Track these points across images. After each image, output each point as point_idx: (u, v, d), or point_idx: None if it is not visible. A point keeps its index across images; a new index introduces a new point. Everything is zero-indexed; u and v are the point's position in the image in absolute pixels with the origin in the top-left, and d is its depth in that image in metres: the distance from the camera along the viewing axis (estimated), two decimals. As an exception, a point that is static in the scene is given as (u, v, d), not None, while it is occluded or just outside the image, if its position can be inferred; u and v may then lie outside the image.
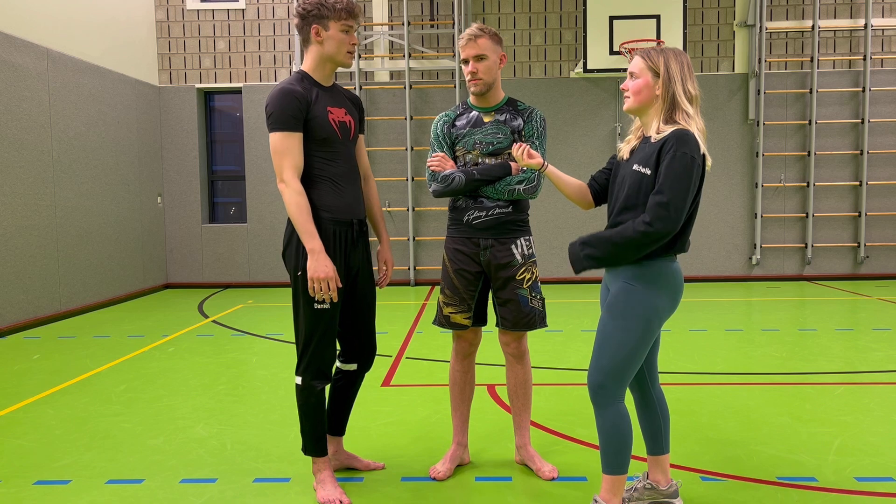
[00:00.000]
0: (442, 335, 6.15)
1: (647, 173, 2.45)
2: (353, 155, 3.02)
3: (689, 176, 2.39)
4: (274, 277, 10.09)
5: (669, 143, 2.40)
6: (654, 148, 2.45)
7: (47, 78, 7.47)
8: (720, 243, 9.94)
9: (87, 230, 8.12)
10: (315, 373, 2.91)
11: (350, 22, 2.84)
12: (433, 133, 3.20)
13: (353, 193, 2.97)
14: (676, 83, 2.48)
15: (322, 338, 2.89)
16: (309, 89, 2.84)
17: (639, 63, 2.52)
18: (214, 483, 3.19)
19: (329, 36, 2.83)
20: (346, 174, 2.94)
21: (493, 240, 3.10)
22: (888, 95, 9.68)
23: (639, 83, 2.52)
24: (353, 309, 3.08)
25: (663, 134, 2.45)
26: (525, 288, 3.11)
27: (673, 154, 2.38)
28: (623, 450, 2.55)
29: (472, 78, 3.05)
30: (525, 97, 8.67)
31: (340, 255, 2.92)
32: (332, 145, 2.88)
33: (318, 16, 2.81)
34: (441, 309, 3.22)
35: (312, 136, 2.83)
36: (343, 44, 2.85)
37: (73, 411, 4.28)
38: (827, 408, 4.11)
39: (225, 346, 6.15)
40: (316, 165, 2.87)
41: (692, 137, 2.42)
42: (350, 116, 2.97)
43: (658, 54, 2.50)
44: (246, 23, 9.97)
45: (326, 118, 2.85)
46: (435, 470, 3.21)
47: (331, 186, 2.89)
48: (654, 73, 2.49)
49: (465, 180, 3.03)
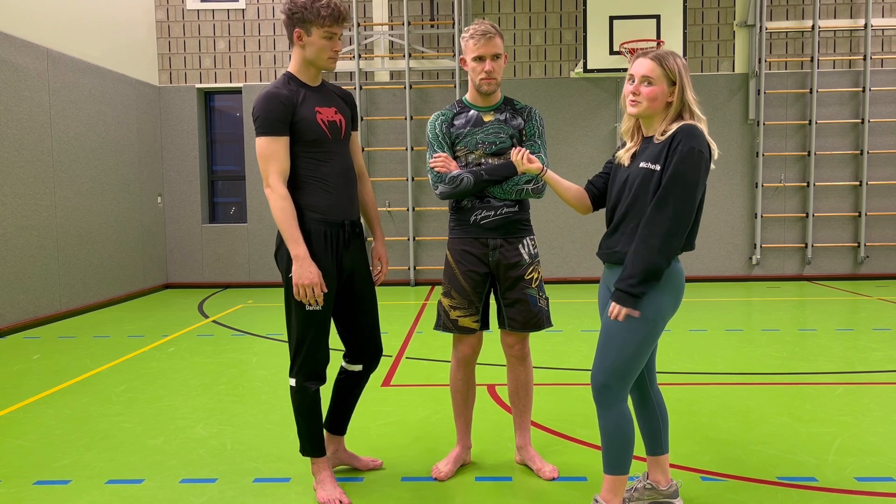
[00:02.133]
0: (442, 335, 6.15)
1: (656, 169, 2.45)
2: (347, 154, 2.97)
3: (697, 170, 2.40)
4: (274, 277, 10.08)
5: (678, 138, 2.42)
6: (664, 144, 2.46)
7: (47, 78, 7.47)
8: (720, 243, 9.94)
9: (87, 230, 8.12)
10: (308, 374, 2.90)
11: (334, 29, 2.78)
12: (431, 133, 3.14)
13: (345, 193, 2.93)
14: (688, 90, 2.51)
15: (314, 339, 2.87)
16: (296, 91, 2.81)
17: (654, 69, 2.47)
18: (214, 483, 3.19)
19: (310, 41, 2.79)
20: (337, 174, 2.89)
21: (502, 240, 3.07)
22: (888, 95, 9.68)
23: (655, 90, 2.48)
24: (352, 310, 3.07)
25: (670, 131, 2.46)
26: (533, 287, 3.11)
27: (682, 149, 2.40)
28: (625, 450, 2.55)
29: (488, 77, 3.01)
30: (525, 97, 8.66)
31: (332, 256, 2.89)
32: (323, 146, 2.84)
33: (302, 19, 2.76)
34: (447, 313, 3.14)
35: (300, 137, 2.79)
36: (324, 50, 2.80)
37: (73, 411, 4.28)
38: (827, 408, 4.11)
39: (225, 346, 6.15)
40: (306, 167, 2.83)
41: (699, 132, 2.44)
42: (341, 115, 2.93)
43: (672, 60, 2.48)
44: (246, 23, 9.97)
45: (314, 119, 2.81)
46: (437, 470, 3.20)
47: (321, 187, 2.86)
48: (671, 81, 2.48)
49: (473, 181, 2.99)
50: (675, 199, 2.39)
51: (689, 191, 2.40)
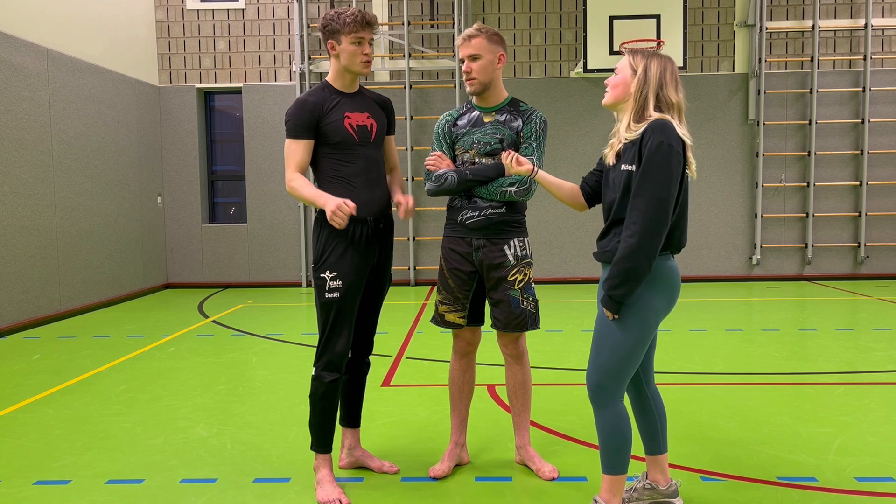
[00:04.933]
0: (442, 335, 6.15)
1: (632, 170, 2.46)
2: (375, 156, 3.12)
3: (668, 164, 2.37)
4: (274, 277, 10.10)
5: (647, 135, 2.41)
6: (635, 143, 2.46)
7: (47, 78, 7.47)
8: (720, 243, 9.94)
9: (87, 230, 8.12)
10: (326, 364, 3.00)
11: (361, 34, 2.97)
12: (434, 131, 3.24)
13: (368, 192, 3.05)
14: (651, 85, 2.48)
15: (333, 327, 2.99)
16: (328, 98, 3.02)
17: (622, 61, 2.57)
18: (214, 483, 3.19)
19: (342, 49, 2.99)
20: (360, 174, 3.04)
21: (485, 240, 3.11)
22: (888, 95, 9.68)
23: (617, 79, 2.56)
24: (363, 305, 3.19)
25: (637, 131, 2.46)
26: (516, 289, 3.11)
27: (651, 144, 2.38)
28: (623, 450, 2.55)
29: (467, 77, 3.09)
30: (525, 97, 8.66)
31: (357, 250, 3.01)
32: (349, 148, 3.02)
33: (332, 30, 2.99)
34: (437, 307, 3.26)
35: (328, 140, 2.99)
36: (355, 55, 2.99)
37: (73, 411, 4.28)
38: (827, 408, 4.11)
39: (225, 346, 6.15)
40: (330, 167, 3.02)
41: (669, 126, 2.41)
42: (373, 120, 3.10)
43: (642, 56, 2.52)
44: (246, 23, 9.97)
45: (342, 123, 3.00)
46: (434, 469, 3.21)
47: (343, 186, 3.01)
48: (633, 71, 2.51)
49: (457, 180, 3.07)
50: (649, 197, 2.36)
51: (662, 187, 2.36)
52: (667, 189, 2.37)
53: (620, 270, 2.39)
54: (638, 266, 2.38)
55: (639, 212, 2.38)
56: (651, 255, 2.38)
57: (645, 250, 2.37)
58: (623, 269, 2.39)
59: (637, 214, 2.38)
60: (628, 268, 2.38)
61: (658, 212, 2.36)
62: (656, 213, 2.36)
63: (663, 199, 2.37)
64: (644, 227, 2.36)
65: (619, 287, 2.40)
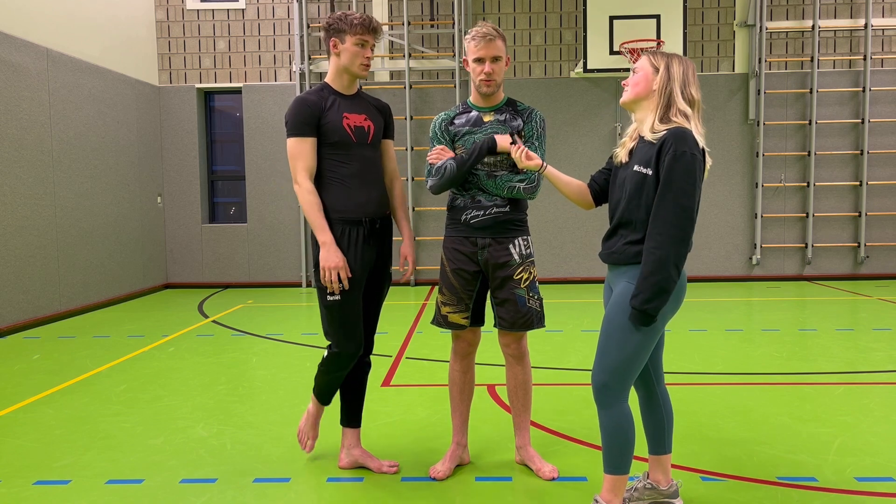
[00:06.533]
0: (442, 335, 6.15)
1: (648, 174, 2.44)
2: (372, 157, 3.14)
3: (692, 173, 2.38)
4: (274, 277, 10.10)
5: (668, 143, 2.39)
6: (654, 148, 2.45)
7: (47, 78, 7.47)
8: (720, 243, 9.93)
9: (87, 230, 8.12)
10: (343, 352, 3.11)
11: (366, 37, 3.03)
12: (431, 131, 3.22)
13: (365, 193, 3.08)
14: (675, 82, 2.48)
15: (339, 329, 3.04)
16: (326, 97, 3.05)
17: (642, 61, 2.56)
18: (214, 483, 3.19)
19: (345, 48, 3.04)
20: (357, 174, 3.07)
21: (490, 239, 3.10)
22: (888, 95, 9.68)
23: (638, 76, 2.55)
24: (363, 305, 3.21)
25: (660, 133, 2.45)
26: (522, 288, 3.11)
27: (673, 154, 2.37)
28: (626, 450, 2.55)
29: (487, 78, 3.05)
30: (525, 97, 8.66)
31: (353, 251, 3.04)
32: (346, 148, 3.05)
33: (337, 29, 3.03)
34: (439, 309, 3.23)
35: (326, 139, 3.02)
36: (357, 56, 3.04)
37: (73, 411, 4.28)
38: (827, 408, 4.11)
39: (225, 346, 6.15)
40: (328, 167, 3.04)
41: (690, 135, 2.41)
42: (370, 122, 3.13)
43: (662, 56, 2.53)
44: (246, 23, 9.97)
45: (340, 123, 3.04)
46: (434, 470, 3.21)
47: (340, 187, 3.04)
48: (655, 69, 2.51)
49: (456, 166, 3.03)
50: (673, 207, 2.36)
51: (685, 196, 2.36)
52: (690, 198, 2.37)
53: (650, 284, 2.36)
54: (668, 277, 2.36)
55: (663, 221, 2.36)
56: (679, 264, 2.38)
57: (673, 260, 2.36)
58: (653, 283, 2.36)
59: (662, 224, 2.36)
60: (658, 280, 2.35)
61: (683, 221, 2.36)
62: (681, 221, 2.36)
63: (688, 209, 2.37)
64: (670, 236, 2.36)
65: (650, 301, 2.37)
